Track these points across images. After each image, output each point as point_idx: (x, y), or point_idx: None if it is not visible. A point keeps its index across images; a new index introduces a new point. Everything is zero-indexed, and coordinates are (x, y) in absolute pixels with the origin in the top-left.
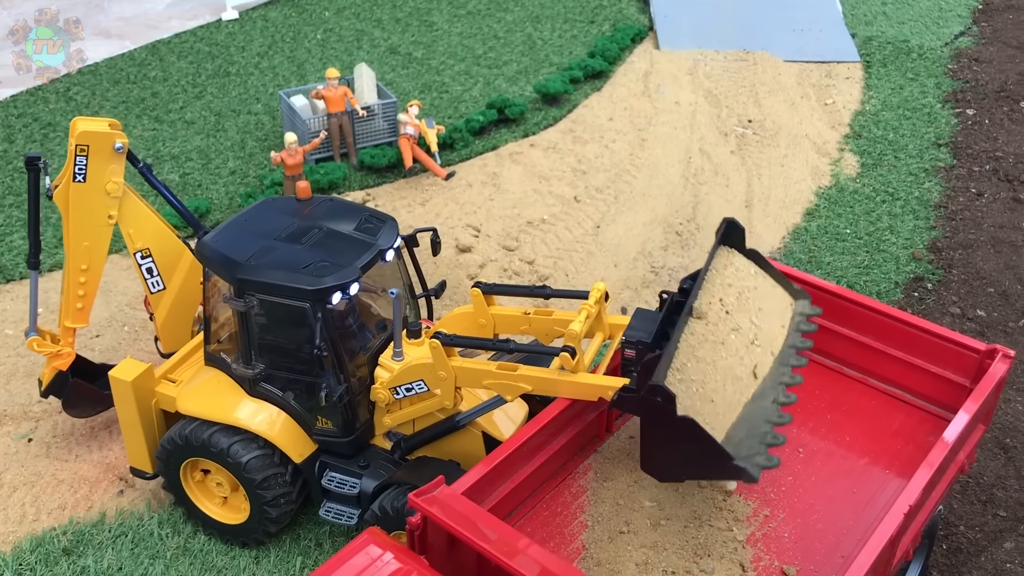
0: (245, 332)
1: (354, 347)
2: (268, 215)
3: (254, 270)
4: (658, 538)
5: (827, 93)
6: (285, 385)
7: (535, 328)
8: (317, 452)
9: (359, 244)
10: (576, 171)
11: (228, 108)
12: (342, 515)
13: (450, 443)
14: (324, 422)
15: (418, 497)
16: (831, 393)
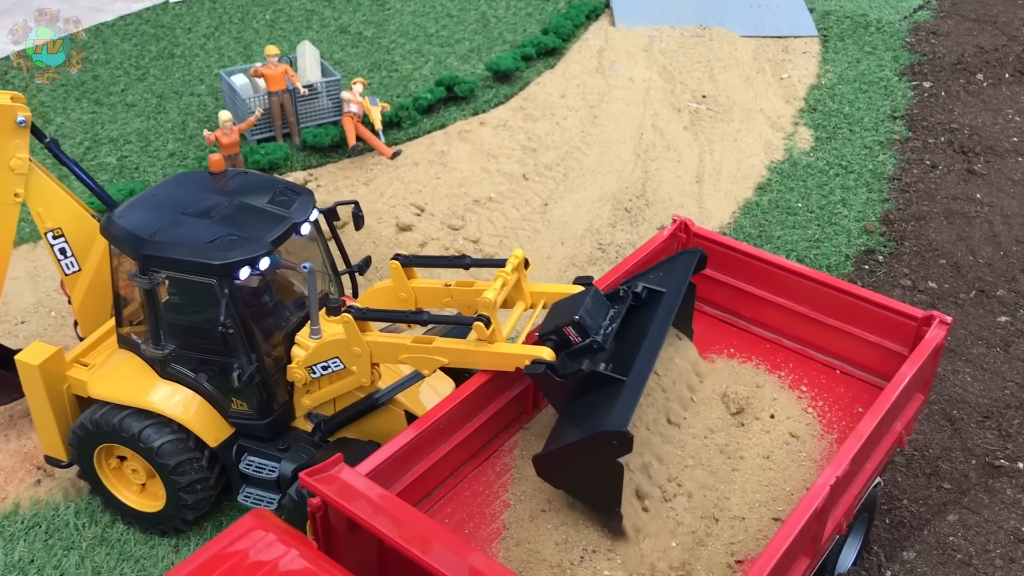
0: (153, 311)
1: (270, 325)
2: (178, 190)
3: (158, 246)
4: (579, 515)
5: (783, 67)
6: (197, 366)
7: (456, 300)
8: (234, 436)
9: (272, 217)
10: (526, 149)
11: (171, 90)
12: (261, 500)
13: (373, 423)
14: (239, 404)
15: (311, 476)
16: (771, 364)
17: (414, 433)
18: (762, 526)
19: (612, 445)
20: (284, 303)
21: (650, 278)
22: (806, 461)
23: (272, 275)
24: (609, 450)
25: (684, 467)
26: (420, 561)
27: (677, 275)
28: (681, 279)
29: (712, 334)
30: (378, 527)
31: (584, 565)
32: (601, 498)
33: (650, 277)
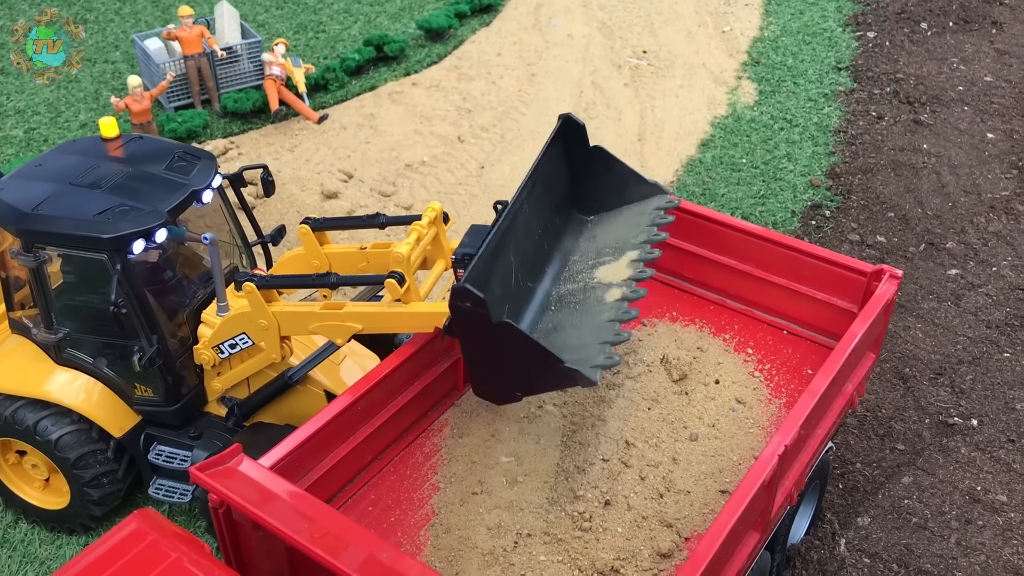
0: (41, 292)
1: (173, 304)
2: (67, 158)
3: (41, 220)
4: (514, 497)
5: (725, 20)
6: (95, 350)
7: (373, 263)
8: (142, 424)
9: (169, 185)
10: (460, 110)
11: (83, 57)
12: (174, 492)
13: (291, 405)
14: (143, 390)
15: (203, 471)
16: (715, 326)
17: (327, 417)
18: (708, 499)
19: (468, 309)
20: (190, 279)
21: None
22: (753, 428)
23: (174, 249)
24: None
25: (626, 442)
26: (329, 564)
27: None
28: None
29: (653, 297)
30: (281, 527)
31: (519, 551)
32: (540, 369)
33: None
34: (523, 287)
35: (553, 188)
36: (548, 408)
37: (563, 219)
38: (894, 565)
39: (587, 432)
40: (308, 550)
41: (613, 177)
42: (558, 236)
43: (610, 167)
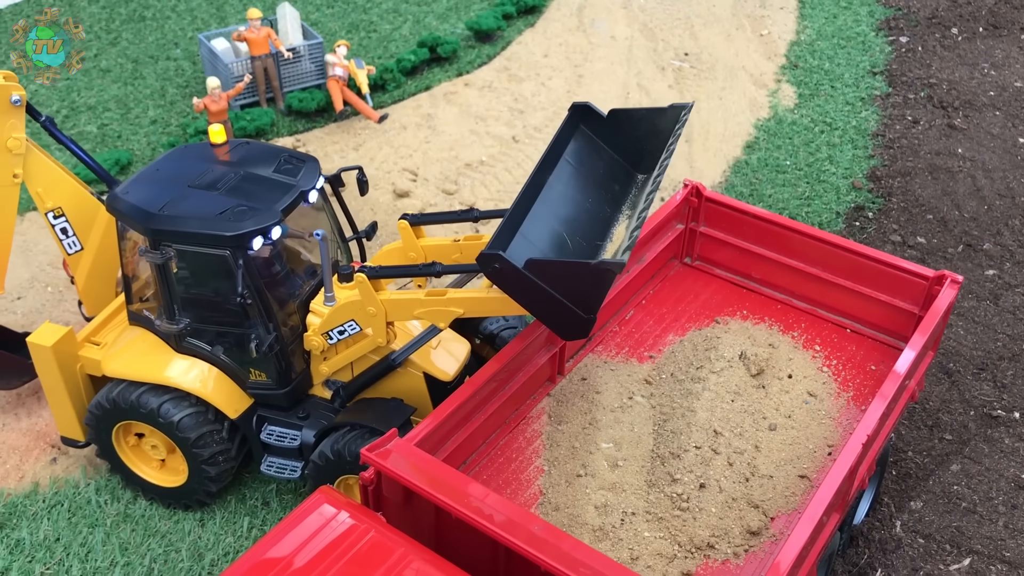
0: (165, 286)
1: (283, 295)
2: (181, 163)
3: (168, 220)
4: (616, 479)
5: (762, 24)
6: (213, 339)
7: (466, 255)
8: (254, 406)
9: (279, 186)
10: (513, 110)
11: (145, 54)
12: (284, 469)
13: (391, 386)
14: (258, 375)
15: (371, 452)
16: (784, 325)
17: (458, 402)
18: (789, 483)
19: (498, 270)
20: (296, 272)
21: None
22: (825, 419)
23: (281, 244)
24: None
25: (714, 431)
26: (483, 528)
27: None
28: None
29: (724, 296)
30: (438, 496)
31: (625, 528)
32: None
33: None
34: (581, 245)
35: (593, 164)
36: (638, 399)
37: (622, 184)
38: (947, 545)
39: (678, 421)
40: (467, 517)
41: (640, 125)
42: (620, 199)
43: (631, 118)
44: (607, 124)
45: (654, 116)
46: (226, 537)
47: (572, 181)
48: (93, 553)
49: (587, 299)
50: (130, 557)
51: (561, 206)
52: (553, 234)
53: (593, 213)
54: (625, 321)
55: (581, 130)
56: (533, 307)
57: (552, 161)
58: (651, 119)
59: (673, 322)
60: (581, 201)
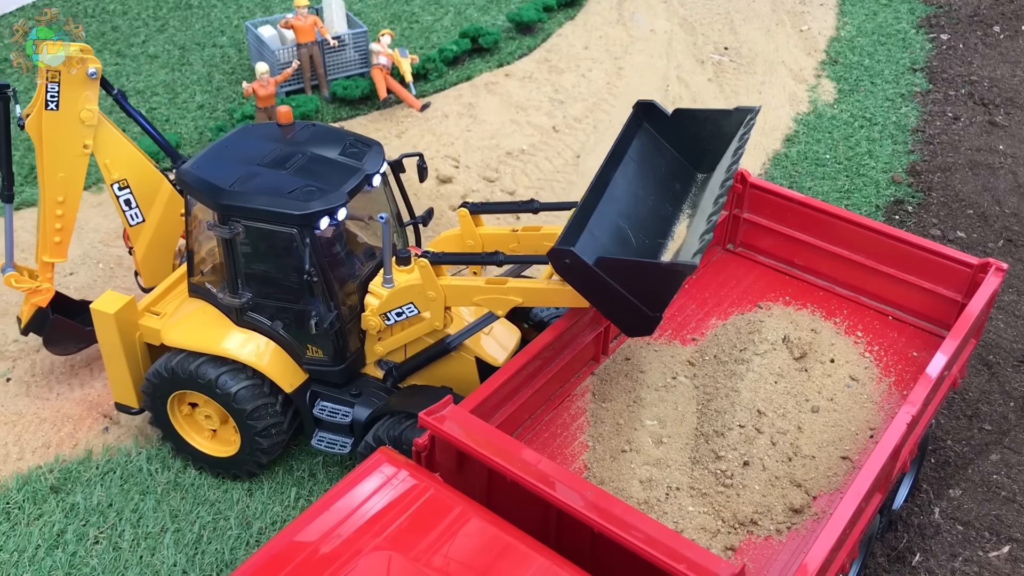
0: (231, 260)
1: (343, 275)
2: (249, 141)
3: (238, 196)
4: (661, 455)
5: (802, 19)
6: (273, 314)
7: (524, 244)
8: (308, 382)
9: (345, 169)
10: (553, 101)
11: (192, 41)
12: (335, 444)
13: (442, 369)
14: (314, 351)
15: (428, 416)
16: (826, 311)
17: (508, 374)
18: (831, 464)
19: (568, 265)
20: (355, 254)
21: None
22: (867, 403)
23: (343, 226)
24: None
25: (758, 411)
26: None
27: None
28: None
29: (767, 282)
30: (493, 459)
31: (670, 502)
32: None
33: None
34: (643, 242)
35: (655, 162)
36: (681, 379)
37: (683, 183)
38: (986, 533)
39: (722, 401)
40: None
41: (705, 125)
42: (681, 198)
43: (696, 119)
44: (671, 123)
45: (719, 117)
46: (273, 506)
47: (635, 179)
48: (144, 519)
49: (655, 298)
50: (180, 524)
51: (625, 203)
52: (617, 230)
53: (655, 211)
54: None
55: (644, 128)
56: (600, 303)
57: (618, 158)
58: (716, 120)
59: (716, 306)
60: (644, 198)
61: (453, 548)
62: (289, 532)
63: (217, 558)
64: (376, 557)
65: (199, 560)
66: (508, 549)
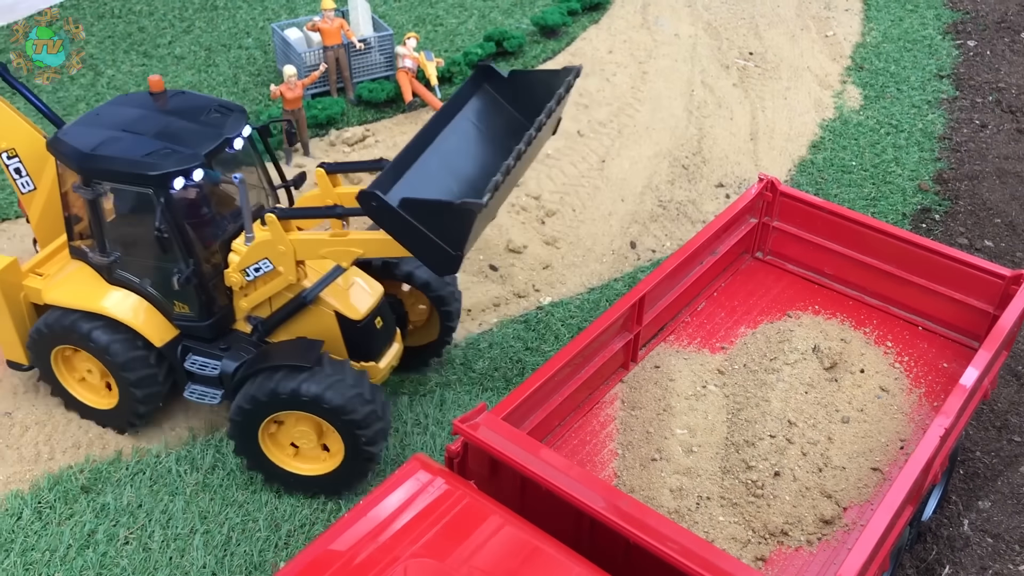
0: (97, 221)
1: (209, 235)
2: (120, 109)
3: (99, 159)
4: (691, 464)
5: (827, 25)
6: (140, 272)
7: None
8: (180, 337)
9: (205, 133)
10: (578, 105)
11: (218, 43)
12: (205, 395)
13: (306, 324)
14: (181, 307)
15: (463, 423)
16: (855, 320)
17: (541, 379)
18: (862, 475)
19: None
20: (223, 215)
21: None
22: (898, 414)
23: (212, 189)
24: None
25: (788, 421)
26: (572, 499)
27: None
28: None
29: (796, 291)
30: (528, 467)
31: (700, 512)
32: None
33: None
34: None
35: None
36: (711, 388)
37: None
38: (1016, 545)
39: (752, 410)
40: (555, 487)
41: (538, 86)
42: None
43: (529, 80)
44: (508, 84)
45: (549, 78)
46: (302, 509)
47: (470, 136)
48: (174, 520)
49: (454, 237)
50: (209, 525)
51: (455, 159)
52: (440, 182)
53: (487, 166)
54: (697, 312)
55: (484, 89)
56: (408, 243)
57: (450, 115)
58: (547, 80)
59: (744, 315)
60: (477, 155)
61: (489, 557)
62: (327, 538)
63: (246, 560)
64: (414, 564)
65: (228, 562)
66: (545, 559)
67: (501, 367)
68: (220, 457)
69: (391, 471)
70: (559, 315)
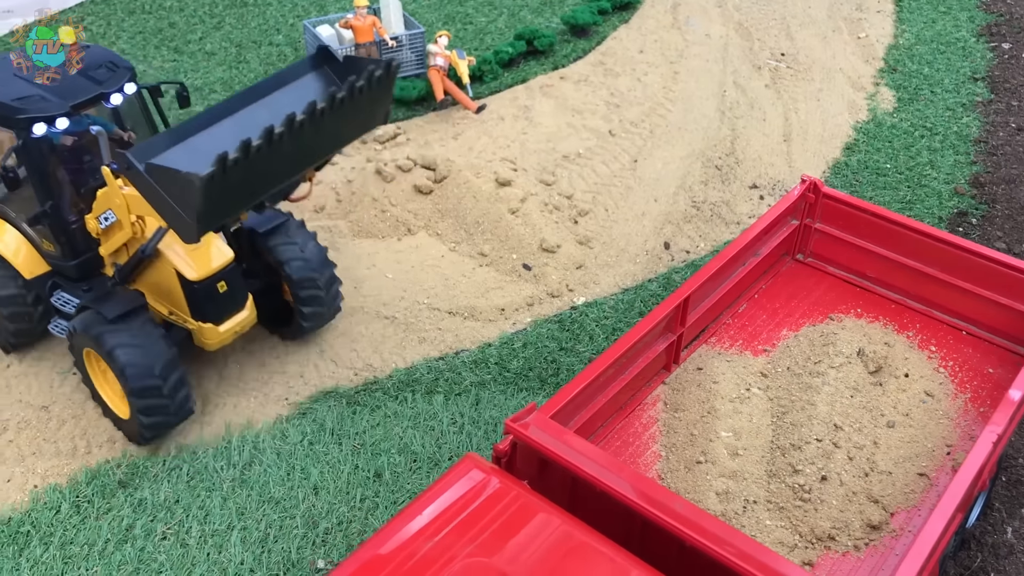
0: None
1: (77, 182)
2: None
3: None
4: (737, 467)
5: (859, 26)
6: (18, 209)
7: None
8: (50, 274)
9: (84, 85)
10: (609, 104)
11: (248, 39)
12: (65, 330)
13: (154, 276)
14: (48, 245)
15: (515, 423)
16: (898, 324)
17: (586, 380)
18: (908, 481)
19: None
20: (94, 165)
21: None
22: (943, 419)
23: (86, 139)
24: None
25: (835, 425)
26: (625, 499)
27: None
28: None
29: (838, 293)
30: (578, 466)
31: (747, 515)
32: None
33: None
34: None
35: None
36: (755, 391)
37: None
38: None
39: (798, 414)
40: (605, 486)
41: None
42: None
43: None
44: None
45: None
46: (340, 507)
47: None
48: (211, 516)
49: (189, 205)
50: (246, 522)
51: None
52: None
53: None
54: (738, 314)
55: (322, 70)
56: (157, 207)
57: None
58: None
59: (786, 317)
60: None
61: (546, 557)
62: (382, 536)
63: (284, 557)
64: (471, 564)
65: (266, 559)
66: (603, 560)
67: (536, 367)
68: (256, 453)
69: (427, 469)
70: (593, 315)
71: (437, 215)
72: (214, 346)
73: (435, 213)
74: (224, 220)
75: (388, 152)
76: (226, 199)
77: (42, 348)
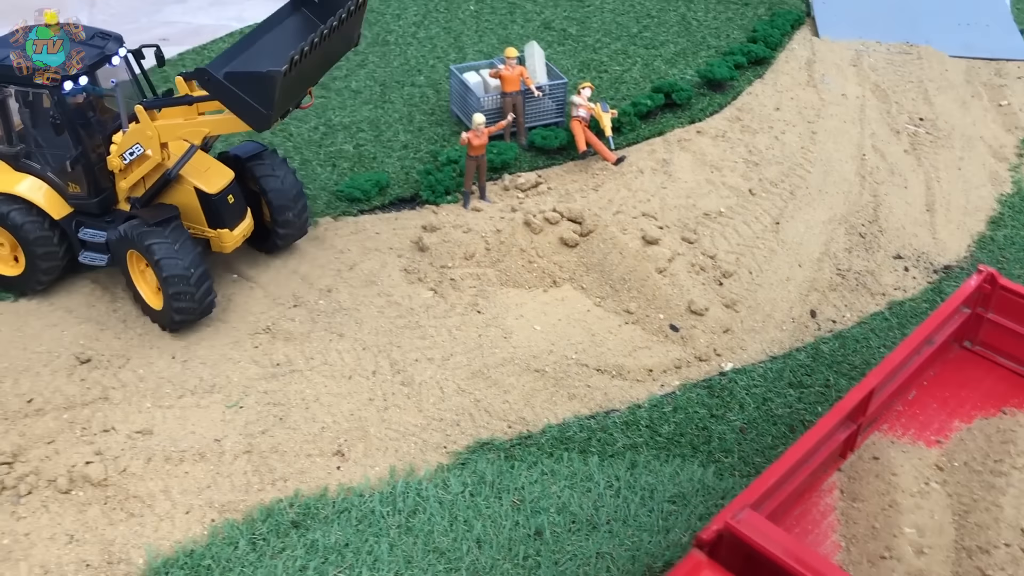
0: (3, 118)
1: (96, 132)
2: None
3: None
4: (923, 566)
5: (999, 93)
6: (41, 160)
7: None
8: (74, 214)
9: (90, 52)
10: (748, 162)
11: (392, 79)
12: (96, 259)
13: (173, 198)
14: (74, 187)
15: (732, 520)
16: None
17: (782, 470)
18: None
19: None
20: (108, 118)
21: None
22: None
23: (96, 98)
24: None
25: (1022, 530)
26: None
27: None
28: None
29: (1009, 385)
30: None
31: None
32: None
33: None
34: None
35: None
36: (933, 485)
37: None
38: None
39: (983, 515)
40: None
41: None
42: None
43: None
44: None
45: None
46: (503, 563)
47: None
48: (379, 562)
49: (265, 99)
50: (414, 571)
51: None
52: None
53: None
54: (908, 401)
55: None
56: (234, 108)
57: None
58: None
59: (957, 407)
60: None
61: None
62: None
63: None
64: None
65: None
66: None
67: (687, 433)
68: (420, 501)
69: (585, 531)
70: (742, 383)
71: (582, 269)
72: (229, 248)
73: (580, 266)
74: (283, 110)
75: (531, 200)
76: (285, 93)
77: (208, 380)
